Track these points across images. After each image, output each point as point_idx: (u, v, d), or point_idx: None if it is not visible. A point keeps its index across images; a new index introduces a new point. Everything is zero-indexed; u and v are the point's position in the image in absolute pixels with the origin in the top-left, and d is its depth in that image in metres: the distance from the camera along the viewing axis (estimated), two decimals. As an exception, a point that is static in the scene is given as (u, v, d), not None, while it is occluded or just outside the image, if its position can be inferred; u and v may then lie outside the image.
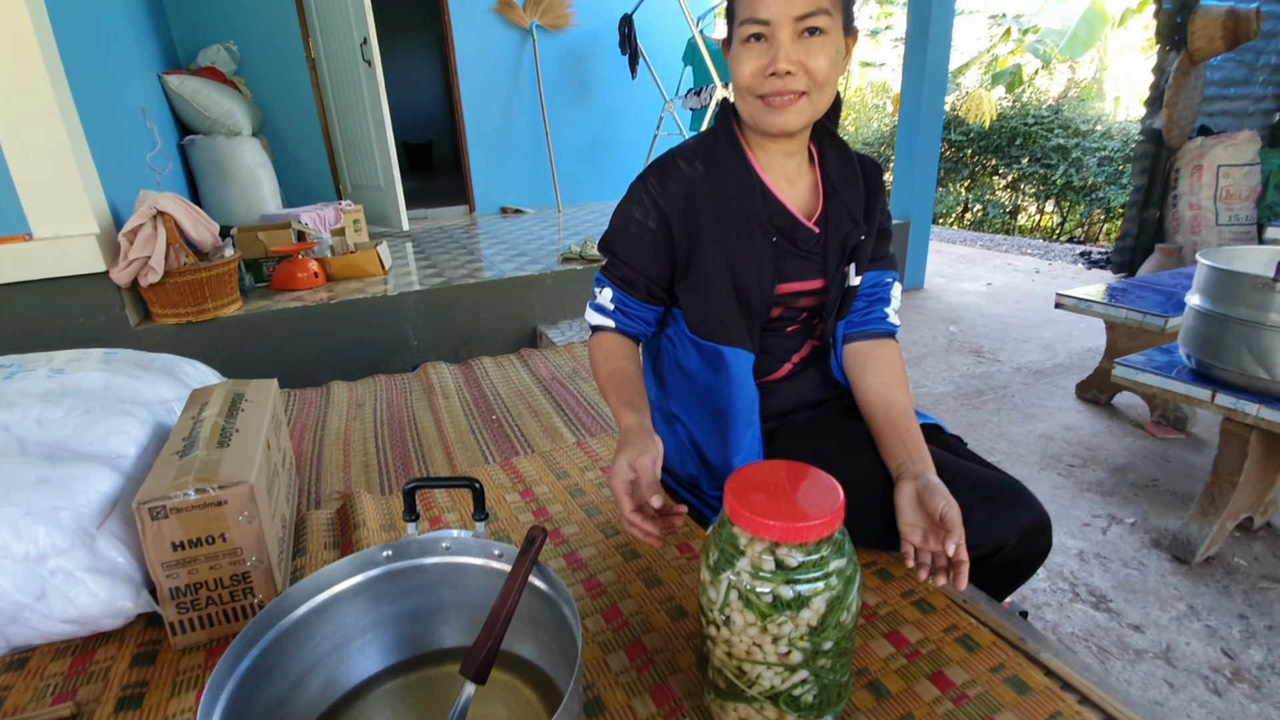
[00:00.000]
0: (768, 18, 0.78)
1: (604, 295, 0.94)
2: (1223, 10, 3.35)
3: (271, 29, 3.77)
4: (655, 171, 0.90)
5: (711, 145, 0.91)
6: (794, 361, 0.99)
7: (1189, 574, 1.49)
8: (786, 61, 0.79)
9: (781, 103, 0.81)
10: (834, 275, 0.92)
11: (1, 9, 1.78)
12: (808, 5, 0.77)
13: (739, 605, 0.60)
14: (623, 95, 4.71)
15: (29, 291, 1.98)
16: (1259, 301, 1.29)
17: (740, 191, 0.88)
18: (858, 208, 0.93)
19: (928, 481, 0.79)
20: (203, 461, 0.83)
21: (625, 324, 0.94)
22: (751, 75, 0.81)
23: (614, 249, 0.92)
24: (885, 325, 0.99)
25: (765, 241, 0.88)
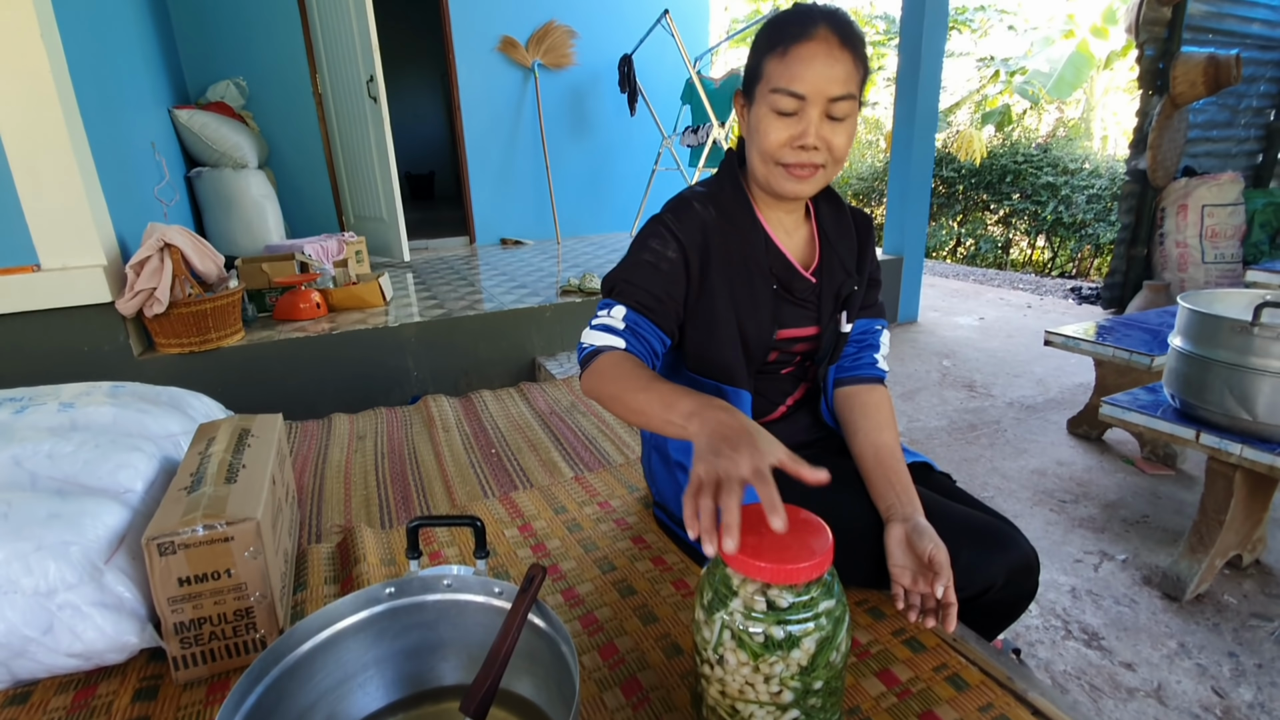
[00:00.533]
0: (805, 94, 0.80)
1: (613, 314, 0.86)
2: (1203, 57, 3.47)
3: (280, 65, 3.87)
4: (671, 209, 0.92)
5: (719, 193, 0.94)
6: (788, 404, 1.02)
7: (1180, 611, 1.50)
8: (815, 137, 0.82)
9: (803, 174, 0.85)
10: (828, 323, 0.96)
11: (20, 48, 1.84)
12: (842, 88, 0.80)
13: (732, 645, 0.62)
14: (622, 131, 4.82)
15: (35, 321, 2.01)
16: (1239, 344, 1.33)
17: (746, 240, 0.92)
18: (850, 259, 0.97)
19: (916, 524, 0.81)
20: (210, 498, 0.85)
21: (635, 345, 0.85)
22: (779, 145, 0.84)
23: (628, 278, 0.88)
24: (874, 370, 1.02)
25: (766, 289, 0.92)
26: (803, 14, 0.82)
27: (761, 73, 0.84)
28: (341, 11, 3.43)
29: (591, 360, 0.84)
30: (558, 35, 4.40)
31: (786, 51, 0.81)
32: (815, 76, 0.79)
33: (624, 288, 0.88)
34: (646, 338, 0.86)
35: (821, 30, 0.80)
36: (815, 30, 0.80)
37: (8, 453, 0.92)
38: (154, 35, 3.24)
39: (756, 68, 0.85)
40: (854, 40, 0.82)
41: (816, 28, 0.80)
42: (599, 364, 0.82)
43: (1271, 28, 4.04)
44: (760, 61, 0.85)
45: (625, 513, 1.23)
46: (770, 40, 0.83)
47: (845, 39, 0.81)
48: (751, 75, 0.87)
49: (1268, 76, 4.15)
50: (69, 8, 2.10)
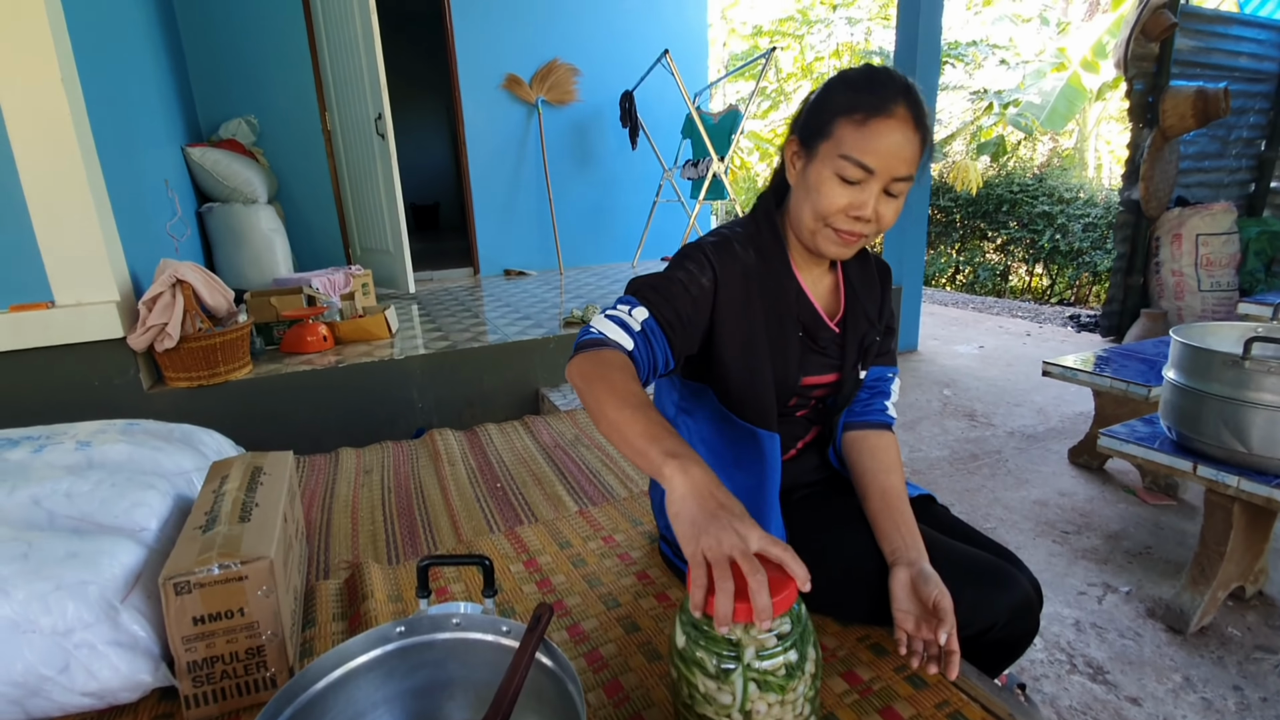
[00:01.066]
0: (875, 169, 0.80)
1: (634, 314, 0.82)
2: (1192, 90, 3.55)
3: (291, 103, 3.97)
4: (712, 244, 0.91)
5: (756, 235, 0.94)
6: (799, 446, 1.05)
7: (1184, 644, 1.50)
8: (872, 211, 0.83)
9: (850, 240, 0.86)
10: (849, 372, 0.97)
11: (42, 91, 1.90)
12: (909, 169, 0.81)
13: (757, 694, 0.63)
14: (624, 164, 4.91)
15: (48, 356, 2.05)
16: (1231, 378, 1.36)
17: (780, 286, 0.93)
18: (874, 309, 1.00)
19: (921, 569, 0.83)
20: (225, 536, 0.87)
21: (642, 353, 0.81)
22: (835, 211, 0.84)
23: (658, 289, 0.85)
24: (884, 417, 1.03)
25: (793, 335, 0.93)
26: (882, 83, 0.81)
27: (831, 133, 0.82)
28: (351, 52, 3.54)
29: (594, 348, 0.79)
30: (561, 73, 4.52)
31: (865, 123, 0.80)
32: (888, 154, 0.79)
33: (652, 295, 0.84)
34: (655, 351, 0.82)
35: (901, 109, 0.80)
36: (895, 107, 0.79)
37: (27, 492, 0.95)
38: (169, 75, 3.34)
39: (825, 125, 0.83)
40: (926, 121, 0.82)
41: (897, 105, 0.79)
42: (603, 355, 0.78)
43: (1259, 60, 4.14)
44: (831, 121, 0.82)
45: (629, 547, 1.24)
46: (847, 104, 0.81)
47: (919, 120, 0.81)
48: (816, 129, 0.84)
49: (1256, 108, 4.24)
50: (89, 51, 2.18)
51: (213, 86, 3.80)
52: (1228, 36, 3.99)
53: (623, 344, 0.80)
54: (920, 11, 3.34)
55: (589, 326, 0.83)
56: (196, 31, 3.71)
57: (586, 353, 0.79)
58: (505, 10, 4.34)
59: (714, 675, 0.64)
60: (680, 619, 0.69)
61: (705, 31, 5.16)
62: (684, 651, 0.66)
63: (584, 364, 0.78)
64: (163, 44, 3.30)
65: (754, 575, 0.58)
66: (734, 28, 11.01)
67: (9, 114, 1.89)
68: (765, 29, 9.87)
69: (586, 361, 0.78)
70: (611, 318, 0.82)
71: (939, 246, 6.76)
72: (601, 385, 0.75)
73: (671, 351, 0.84)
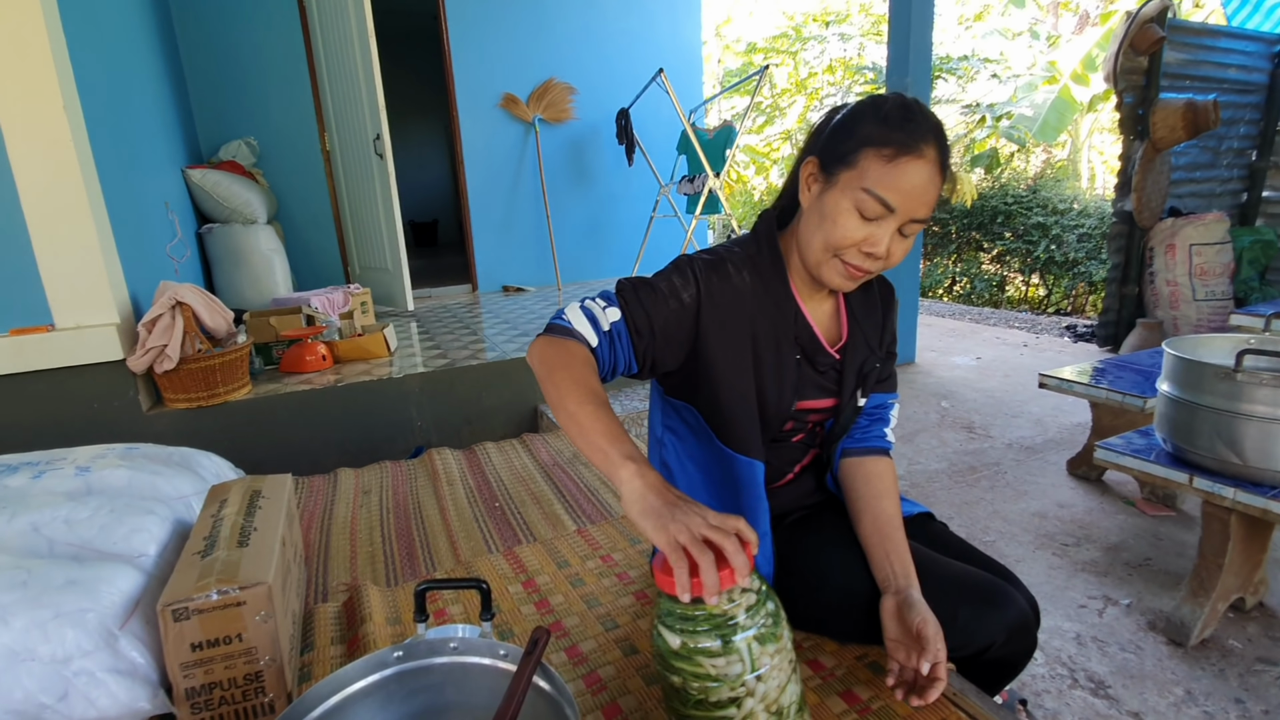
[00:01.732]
0: (896, 207, 0.79)
1: (607, 313, 0.83)
2: (1182, 103, 3.59)
3: (290, 125, 4.01)
4: (705, 262, 0.89)
5: (756, 256, 0.92)
6: (795, 471, 1.04)
7: (1185, 657, 1.50)
8: (884, 248, 0.81)
9: (857, 275, 0.85)
10: (848, 399, 0.96)
11: (44, 116, 1.92)
12: (927, 211, 0.80)
13: (760, 649, 0.66)
14: (620, 180, 4.95)
15: (47, 380, 2.05)
16: (1224, 390, 1.37)
17: (778, 308, 0.90)
18: (875, 335, 0.98)
19: (908, 597, 0.83)
20: (224, 562, 0.87)
21: (604, 352, 0.82)
22: (848, 243, 0.82)
23: (637, 291, 0.85)
24: (882, 443, 1.02)
25: (791, 358, 0.91)
26: (913, 120, 0.79)
27: (856, 163, 0.80)
28: (350, 74, 3.58)
29: (560, 334, 0.81)
30: (557, 92, 4.56)
31: (894, 159, 0.78)
32: (911, 194, 0.78)
33: (630, 297, 0.85)
34: (619, 355, 0.83)
35: (931, 150, 0.78)
36: (925, 148, 0.78)
37: (27, 519, 0.95)
38: (170, 99, 3.37)
39: (850, 154, 0.80)
40: (949, 163, 0.82)
41: (927, 145, 0.78)
42: (567, 345, 0.80)
43: (1248, 72, 4.19)
44: (857, 150, 0.80)
45: (627, 566, 1.25)
46: (877, 136, 0.79)
47: (944, 163, 0.81)
48: (839, 156, 0.82)
49: (1246, 119, 4.28)
50: (91, 76, 2.21)
51: (213, 109, 3.84)
52: (1216, 49, 4.03)
53: (588, 339, 0.81)
54: (911, 27, 3.38)
55: (561, 312, 0.84)
56: (197, 55, 3.76)
57: (552, 338, 0.81)
58: (502, 31, 4.40)
59: (720, 653, 0.66)
60: (665, 624, 0.69)
61: (699, 49, 5.22)
62: (681, 650, 0.67)
63: (547, 349, 0.80)
64: (164, 67, 3.34)
65: (726, 540, 0.63)
66: (728, 45, 11.14)
67: (10, 138, 1.91)
68: (759, 46, 9.99)
69: (550, 347, 0.80)
70: (584, 310, 0.83)
71: (935, 258, 6.80)
72: (564, 374, 0.76)
73: (635, 358, 0.85)
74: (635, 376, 0.88)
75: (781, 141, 9.82)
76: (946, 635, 0.89)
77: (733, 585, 0.64)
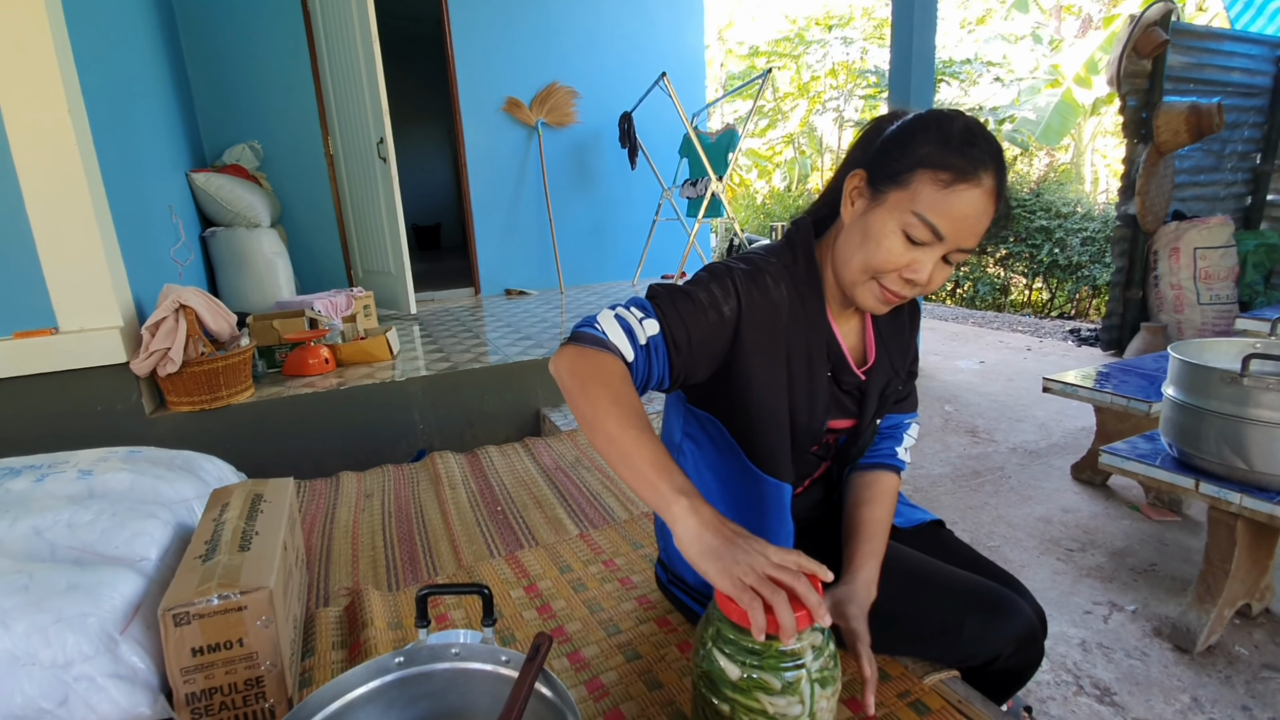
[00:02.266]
0: (946, 235, 0.74)
1: (645, 325, 0.76)
2: (1185, 106, 3.59)
3: (294, 129, 4.02)
4: (744, 272, 0.83)
5: (792, 266, 0.87)
6: (806, 484, 1.03)
7: (1191, 664, 1.49)
8: (926, 275, 0.77)
9: (893, 300, 0.81)
10: (868, 421, 0.93)
11: (48, 120, 1.93)
12: (976, 241, 0.76)
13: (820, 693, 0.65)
14: (623, 184, 4.95)
15: (51, 382, 2.06)
16: (1230, 395, 1.36)
17: (812, 325, 0.86)
18: (900, 357, 0.95)
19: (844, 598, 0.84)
20: (225, 566, 0.87)
21: (640, 368, 0.76)
22: (890, 267, 0.77)
23: (676, 302, 0.79)
24: (892, 460, 0.98)
25: (823, 377, 0.88)
26: (976, 146, 0.73)
27: (909, 184, 0.74)
28: (354, 78, 3.59)
29: (593, 345, 0.74)
30: (560, 95, 4.57)
31: (951, 185, 0.72)
32: (963, 223, 0.73)
33: (669, 309, 0.78)
34: (654, 369, 0.77)
35: (989, 179, 0.73)
36: (984, 177, 0.73)
37: (29, 523, 0.95)
38: (174, 102, 3.38)
39: (903, 174, 0.75)
40: (1005, 193, 0.77)
41: (985, 172, 0.73)
42: (603, 359, 0.73)
43: (1251, 75, 4.18)
44: (911, 170, 0.75)
45: (630, 570, 1.24)
46: (935, 158, 0.73)
47: (999, 192, 0.75)
48: (891, 174, 0.76)
49: (1250, 122, 4.27)
50: (96, 80, 2.22)
51: (217, 113, 3.85)
52: (1219, 52, 4.03)
53: (624, 353, 0.74)
54: (914, 31, 3.38)
55: (593, 319, 0.77)
56: (201, 59, 3.77)
57: (583, 348, 0.74)
58: (505, 35, 4.41)
59: (781, 691, 0.64)
60: (724, 651, 0.66)
61: (702, 53, 5.23)
62: (740, 683, 0.65)
63: (579, 361, 0.73)
64: (168, 71, 3.35)
65: (796, 581, 0.61)
66: (730, 48, 11.17)
67: (16, 142, 1.92)
68: (761, 49, 10.01)
69: (582, 359, 0.73)
70: (620, 320, 0.76)
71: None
72: (601, 391, 0.70)
73: (671, 372, 0.79)
74: (663, 390, 0.83)
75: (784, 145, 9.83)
76: (953, 646, 0.88)
77: (809, 626, 0.63)
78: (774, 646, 0.64)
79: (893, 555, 0.93)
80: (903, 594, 0.89)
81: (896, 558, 0.93)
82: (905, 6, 3.39)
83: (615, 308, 0.78)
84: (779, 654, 0.64)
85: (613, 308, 0.78)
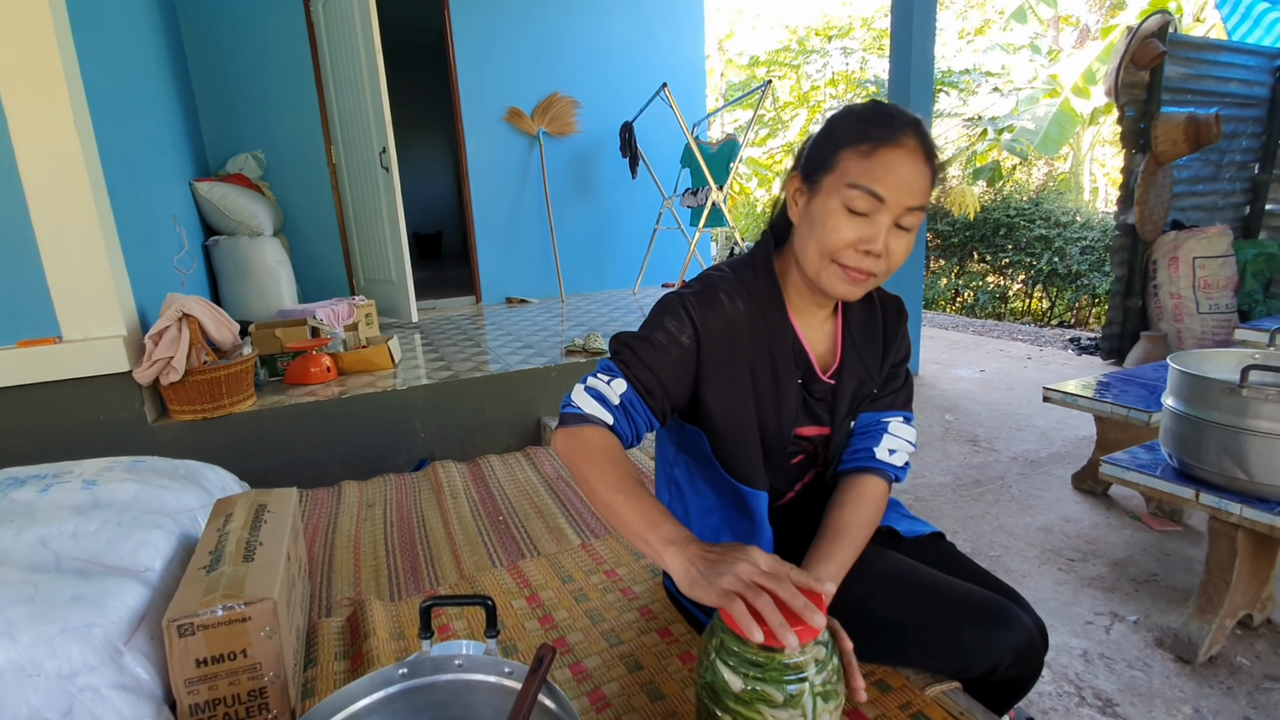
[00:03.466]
0: (885, 197, 0.77)
1: (613, 386, 0.83)
2: (1183, 116, 3.61)
3: (297, 138, 4.05)
4: (697, 295, 0.87)
5: (751, 281, 0.90)
6: (796, 490, 1.04)
7: (1193, 674, 1.49)
8: (882, 244, 0.79)
9: (859, 277, 0.81)
10: (840, 424, 0.94)
11: (54, 132, 1.95)
12: (920, 199, 0.78)
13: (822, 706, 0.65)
14: (624, 193, 4.98)
15: (54, 391, 2.06)
16: (1230, 406, 1.36)
17: (775, 337, 0.89)
18: (874, 361, 0.95)
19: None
20: (229, 577, 0.88)
21: (623, 426, 0.83)
22: (841, 244, 0.80)
23: (637, 352, 0.84)
24: (871, 462, 0.94)
25: (791, 385, 0.90)
26: (889, 116, 0.79)
27: (835, 165, 0.80)
28: (357, 88, 3.62)
29: (575, 425, 0.82)
30: (561, 105, 4.60)
31: (873, 151, 0.78)
32: (899, 182, 0.77)
33: (631, 361, 0.84)
34: (636, 421, 0.84)
35: (910, 139, 0.78)
36: (904, 138, 0.78)
37: (34, 533, 0.96)
38: (179, 112, 3.41)
39: (829, 159, 0.81)
40: (935, 154, 0.81)
41: (905, 135, 0.78)
42: (585, 435, 0.81)
43: (1249, 86, 4.21)
44: (835, 153, 0.80)
45: (631, 581, 1.24)
46: (853, 135, 0.79)
47: (929, 152, 0.80)
48: (819, 164, 0.82)
49: (1248, 132, 4.30)
50: (101, 91, 2.24)
51: (221, 123, 3.88)
52: (1217, 63, 4.05)
53: (603, 419, 0.81)
54: (913, 41, 3.41)
55: (569, 399, 0.84)
56: (205, 69, 3.80)
57: (569, 429, 0.82)
58: (507, 45, 4.44)
59: (784, 704, 0.64)
60: (727, 663, 0.67)
61: (702, 63, 5.27)
62: (743, 694, 0.65)
63: (567, 442, 0.82)
64: (172, 81, 3.38)
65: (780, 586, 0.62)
66: (731, 59, 11.23)
67: (21, 152, 1.93)
68: (761, 59, 10.06)
69: (569, 439, 0.81)
70: (591, 391, 0.83)
71: (938, 271, 6.81)
72: (588, 467, 0.78)
73: (654, 414, 0.85)
74: (657, 428, 0.88)
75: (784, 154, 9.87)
76: (952, 657, 0.88)
77: (812, 639, 0.63)
78: (777, 659, 0.64)
79: (890, 565, 0.93)
80: (901, 603, 0.89)
81: (894, 567, 0.93)
82: (904, 17, 3.42)
83: (586, 379, 0.85)
84: (782, 666, 0.64)
85: (584, 380, 0.85)
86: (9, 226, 1.97)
